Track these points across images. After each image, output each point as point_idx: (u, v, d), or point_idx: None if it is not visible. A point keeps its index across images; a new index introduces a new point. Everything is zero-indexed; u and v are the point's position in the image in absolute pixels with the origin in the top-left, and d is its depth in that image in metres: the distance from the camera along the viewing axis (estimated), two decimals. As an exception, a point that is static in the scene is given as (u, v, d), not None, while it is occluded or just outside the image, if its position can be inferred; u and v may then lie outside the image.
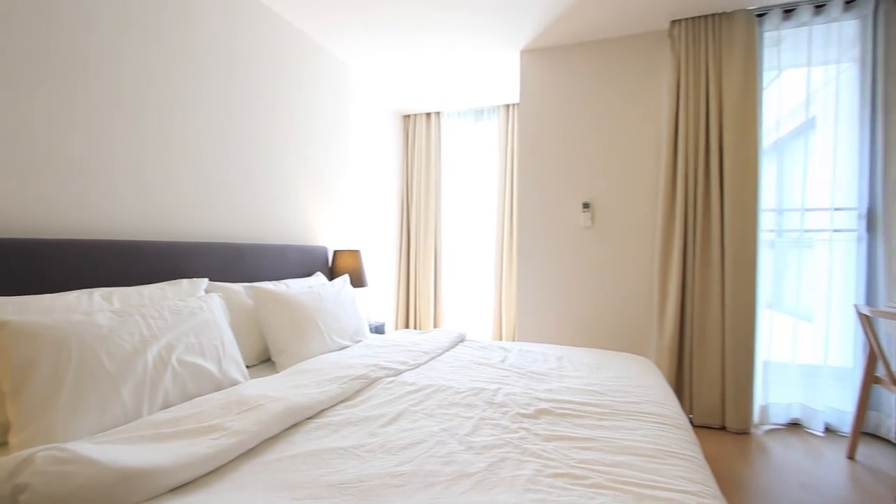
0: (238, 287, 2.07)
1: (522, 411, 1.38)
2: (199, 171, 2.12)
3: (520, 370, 1.85)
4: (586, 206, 2.97)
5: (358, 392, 1.56)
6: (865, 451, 2.31)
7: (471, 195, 4.42)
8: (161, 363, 1.35)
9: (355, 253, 2.97)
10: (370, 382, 1.63)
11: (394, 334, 2.50)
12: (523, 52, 3.12)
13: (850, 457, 2.23)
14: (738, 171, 2.54)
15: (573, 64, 3.03)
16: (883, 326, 2.30)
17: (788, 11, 2.53)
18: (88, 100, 1.68)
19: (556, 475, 1.02)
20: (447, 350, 2.24)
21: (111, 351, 1.25)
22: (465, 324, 4.44)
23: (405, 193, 4.56)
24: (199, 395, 1.40)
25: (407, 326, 4.57)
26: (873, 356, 2.15)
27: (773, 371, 2.65)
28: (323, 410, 1.38)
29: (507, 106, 4.16)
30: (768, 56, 2.61)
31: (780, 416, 2.64)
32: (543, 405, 1.43)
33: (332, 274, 2.95)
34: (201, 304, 1.64)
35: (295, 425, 1.27)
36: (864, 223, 2.46)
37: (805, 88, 2.59)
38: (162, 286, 1.73)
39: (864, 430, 2.47)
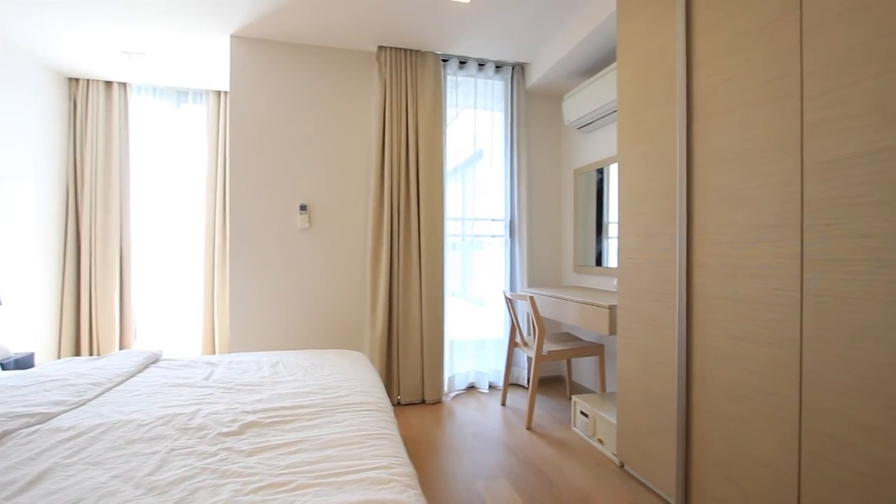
0: None
1: (224, 430, 1.27)
2: None
3: (227, 385, 1.70)
4: (303, 207, 2.97)
5: (-32, 459, 1.10)
6: (512, 397, 3.16)
7: (173, 191, 3.76)
8: None
9: (-27, 260, 2.08)
10: (-7, 441, 1.18)
11: (47, 367, 1.88)
12: (234, 38, 2.87)
13: (503, 403, 3.02)
14: (429, 186, 3.05)
15: (292, 62, 2.98)
16: (520, 306, 3.20)
17: (463, 63, 3.21)
18: None
19: (257, 489, 0.98)
20: (133, 376, 1.84)
21: None
22: (167, 342, 3.75)
23: (73, 182, 3.49)
24: None
25: (78, 354, 3.51)
26: (514, 327, 2.97)
27: (456, 347, 3.31)
28: None
29: (219, 93, 3.74)
30: (451, 95, 3.25)
31: (461, 383, 3.32)
32: (251, 418, 1.36)
33: (-77, 292, 1.97)
34: None
35: None
36: (508, 230, 3.36)
37: (474, 126, 3.34)
38: None
39: (512, 382, 3.39)
